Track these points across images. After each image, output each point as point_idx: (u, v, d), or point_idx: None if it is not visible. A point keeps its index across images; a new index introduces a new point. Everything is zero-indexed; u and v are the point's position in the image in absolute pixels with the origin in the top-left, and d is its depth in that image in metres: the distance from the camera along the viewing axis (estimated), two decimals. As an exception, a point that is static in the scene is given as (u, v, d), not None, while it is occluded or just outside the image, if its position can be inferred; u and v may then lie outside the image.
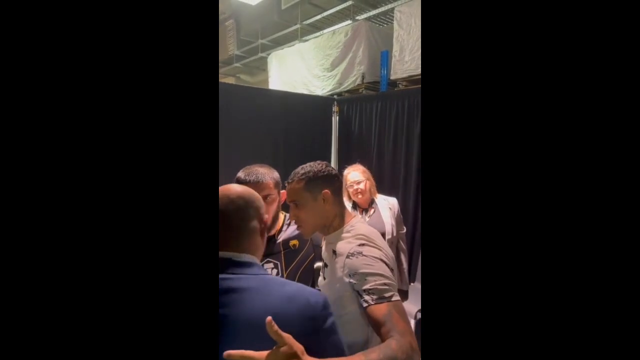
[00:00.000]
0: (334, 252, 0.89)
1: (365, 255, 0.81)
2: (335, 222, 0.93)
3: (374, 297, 0.76)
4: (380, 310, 0.75)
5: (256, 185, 1.03)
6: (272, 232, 1.11)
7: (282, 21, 4.80)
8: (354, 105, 3.03)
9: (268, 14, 4.91)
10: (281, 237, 1.13)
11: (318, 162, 0.97)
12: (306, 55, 3.97)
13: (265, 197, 1.03)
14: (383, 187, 2.32)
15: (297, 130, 2.79)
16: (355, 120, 3.00)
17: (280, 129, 2.71)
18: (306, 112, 2.90)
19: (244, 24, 5.58)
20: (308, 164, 0.96)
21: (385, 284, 0.78)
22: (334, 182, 0.95)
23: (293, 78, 4.15)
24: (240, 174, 1.07)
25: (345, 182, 1.87)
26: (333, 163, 3.01)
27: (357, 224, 0.94)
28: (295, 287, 0.66)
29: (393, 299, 0.77)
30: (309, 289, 0.68)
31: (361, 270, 0.79)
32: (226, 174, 1.08)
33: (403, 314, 0.76)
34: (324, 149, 3.01)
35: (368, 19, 3.79)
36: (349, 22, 3.83)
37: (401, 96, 2.71)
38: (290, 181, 0.94)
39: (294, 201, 0.93)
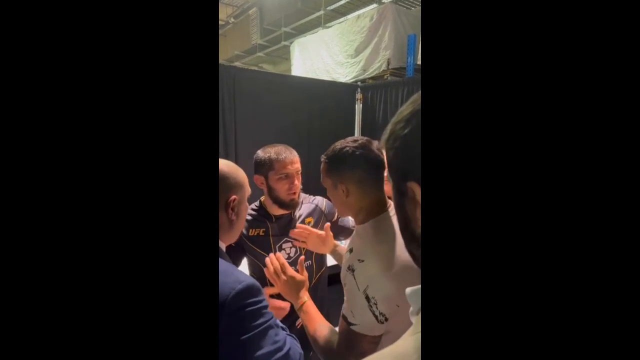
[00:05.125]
0: (350, 250, 0.75)
1: (354, 278, 0.68)
2: (362, 216, 0.75)
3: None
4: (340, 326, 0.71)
5: (292, 161, 1.01)
6: (291, 210, 1.08)
7: (306, 8, 4.70)
8: (378, 92, 2.90)
9: (291, 1, 4.82)
10: (298, 216, 1.10)
11: (350, 139, 0.77)
12: (329, 42, 3.87)
13: (298, 171, 1.02)
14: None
15: (319, 118, 2.71)
16: (380, 108, 2.87)
17: (302, 117, 2.63)
18: (328, 99, 2.80)
19: (267, 13, 5.52)
20: (340, 141, 0.77)
21: (348, 314, 0.69)
22: (362, 167, 0.72)
23: (316, 66, 4.06)
24: (272, 154, 1.00)
25: None
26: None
27: (383, 222, 0.73)
28: (223, 268, 0.60)
29: (351, 326, 0.68)
30: (237, 273, 0.61)
31: (345, 294, 0.71)
32: (248, 161, 1.04)
33: (350, 343, 0.68)
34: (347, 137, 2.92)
35: (395, 1, 3.62)
36: (374, 5, 3.67)
37: (429, 81, 2.57)
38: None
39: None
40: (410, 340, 0.29)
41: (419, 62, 2.98)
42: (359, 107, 2.99)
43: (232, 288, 0.56)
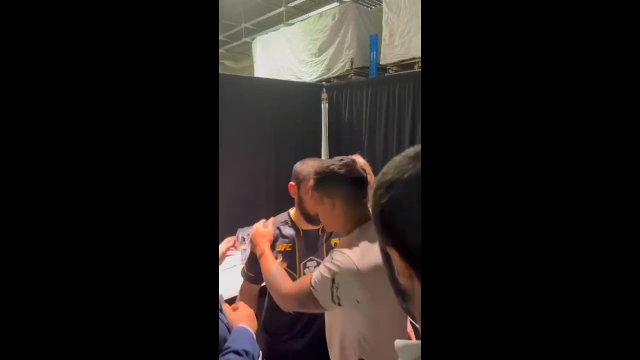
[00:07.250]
0: (335, 244, 0.87)
1: (331, 259, 0.78)
2: (348, 227, 0.82)
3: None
4: None
5: None
6: (319, 226, 1.03)
7: (266, 3, 4.61)
8: (343, 91, 2.94)
9: (251, -4, 4.71)
10: (326, 234, 1.04)
11: (339, 158, 0.86)
12: (293, 39, 3.84)
13: None
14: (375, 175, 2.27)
15: (286, 118, 2.69)
16: (346, 108, 2.92)
17: (267, 119, 2.61)
18: (294, 99, 2.80)
19: (226, 7, 5.35)
20: (328, 160, 0.87)
21: (314, 279, 0.80)
22: (346, 184, 0.81)
23: (279, 64, 4.03)
24: (308, 166, 0.98)
25: None
26: (323, 153, 2.93)
27: (369, 229, 0.80)
28: None
29: (311, 288, 0.80)
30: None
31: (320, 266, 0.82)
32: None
33: (302, 296, 0.81)
34: (314, 138, 2.94)
35: (356, 0, 3.66)
36: (335, 4, 3.69)
37: (392, 82, 2.64)
38: None
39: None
40: None
41: (381, 62, 3.05)
42: (325, 106, 3.02)
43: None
